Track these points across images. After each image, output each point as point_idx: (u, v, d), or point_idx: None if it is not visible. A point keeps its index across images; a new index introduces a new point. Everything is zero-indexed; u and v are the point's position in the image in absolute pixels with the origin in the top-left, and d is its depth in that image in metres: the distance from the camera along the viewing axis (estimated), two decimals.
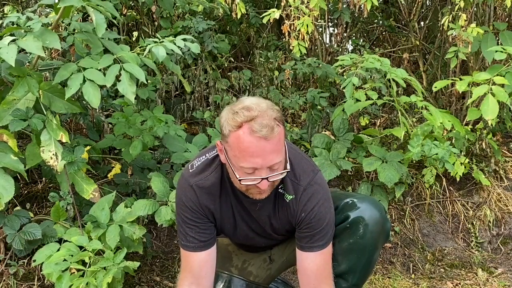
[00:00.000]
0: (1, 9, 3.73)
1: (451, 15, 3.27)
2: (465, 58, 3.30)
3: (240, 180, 1.67)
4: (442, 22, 3.34)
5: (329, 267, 1.89)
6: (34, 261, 2.25)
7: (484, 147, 3.40)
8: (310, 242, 1.83)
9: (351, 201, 1.93)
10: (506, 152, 3.75)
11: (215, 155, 1.84)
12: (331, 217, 1.86)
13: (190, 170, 1.85)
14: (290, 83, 3.71)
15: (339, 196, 1.99)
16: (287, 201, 1.83)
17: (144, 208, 2.40)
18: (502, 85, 2.83)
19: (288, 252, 2.14)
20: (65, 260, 2.16)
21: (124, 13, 3.67)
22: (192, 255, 1.87)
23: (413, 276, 2.93)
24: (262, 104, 1.63)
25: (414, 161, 3.19)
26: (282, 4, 3.22)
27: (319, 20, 3.59)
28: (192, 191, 1.82)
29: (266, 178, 1.64)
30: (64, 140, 2.32)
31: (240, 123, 1.59)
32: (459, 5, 3.17)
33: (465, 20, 3.18)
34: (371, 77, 3.23)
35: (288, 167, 1.70)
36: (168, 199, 2.45)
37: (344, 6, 3.85)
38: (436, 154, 2.88)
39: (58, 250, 2.24)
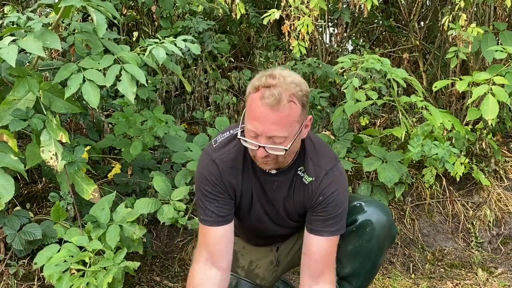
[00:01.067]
0: (1, 9, 3.73)
1: (451, 15, 3.27)
2: (465, 58, 3.30)
3: (239, 139, 1.70)
4: (442, 22, 3.34)
5: (334, 256, 1.89)
6: (35, 263, 2.25)
7: (484, 147, 3.40)
8: (322, 226, 1.83)
9: (358, 204, 1.92)
10: (506, 152, 3.75)
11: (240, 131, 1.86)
12: (346, 207, 1.87)
13: (214, 145, 1.87)
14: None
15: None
16: (306, 183, 1.83)
17: (147, 206, 2.41)
18: (502, 85, 2.82)
19: (293, 252, 2.14)
20: (65, 261, 2.16)
21: (124, 13, 3.67)
22: (209, 230, 1.86)
23: (413, 276, 2.93)
24: (289, 78, 1.65)
25: (414, 161, 3.18)
26: (282, 4, 3.22)
27: (319, 20, 3.59)
28: (214, 165, 1.83)
29: (264, 147, 1.65)
30: (64, 140, 2.32)
31: (258, 86, 1.64)
32: (459, 5, 3.17)
33: (465, 20, 3.18)
34: (371, 77, 3.23)
35: (289, 146, 1.67)
36: (170, 197, 2.46)
37: (344, 6, 3.85)
38: (436, 154, 2.87)
39: (59, 251, 2.23)
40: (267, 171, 1.82)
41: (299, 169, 1.84)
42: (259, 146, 1.66)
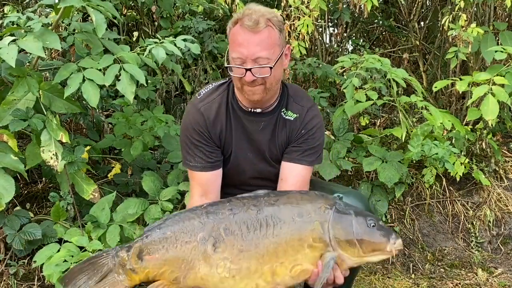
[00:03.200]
0: (1, 9, 3.74)
1: (451, 15, 3.27)
2: (465, 58, 3.30)
3: (228, 69, 1.83)
4: (442, 22, 3.34)
5: (308, 184, 2.03)
6: (35, 262, 2.25)
7: (484, 147, 3.39)
8: (301, 155, 1.98)
9: (337, 196, 1.97)
10: (506, 152, 3.74)
11: (221, 82, 2.02)
12: (323, 141, 2.06)
13: (198, 97, 2.00)
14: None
15: (324, 188, 2.07)
16: (292, 119, 1.97)
17: (134, 206, 2.43)
18: (502, 85, 2.83)
19: None
20: (65, 260, 2.16)
21: (124, 13, 3.67)
22: (200, 174, 1.97)
23: (413, 276, 2.93)
24: (263, 8, 1.84)
25: (414, 161, 3.19)
26: (282, 4, 3.22)
27: (319, 20, 3.59)
28: (200, 115, 1.94)
29: (250, 70, 1.77)
30: (64, 140, 2.32)
31: (236, 19, 1.82)
32: (459, 5, 3.17)
33: (465, 20, 3.18)
34: (371, 77, 3.23)
35: (274, 65, 1.79)
36: (158, 197, 2.48)
37: (344, 6, 3.86)
38: (436, 154, 2.88)
39: (59, 250, 2.23)
40: (251, 110, 1.93)
41: (282, 110, 1.98)
42: (246, 70, 1.77)
